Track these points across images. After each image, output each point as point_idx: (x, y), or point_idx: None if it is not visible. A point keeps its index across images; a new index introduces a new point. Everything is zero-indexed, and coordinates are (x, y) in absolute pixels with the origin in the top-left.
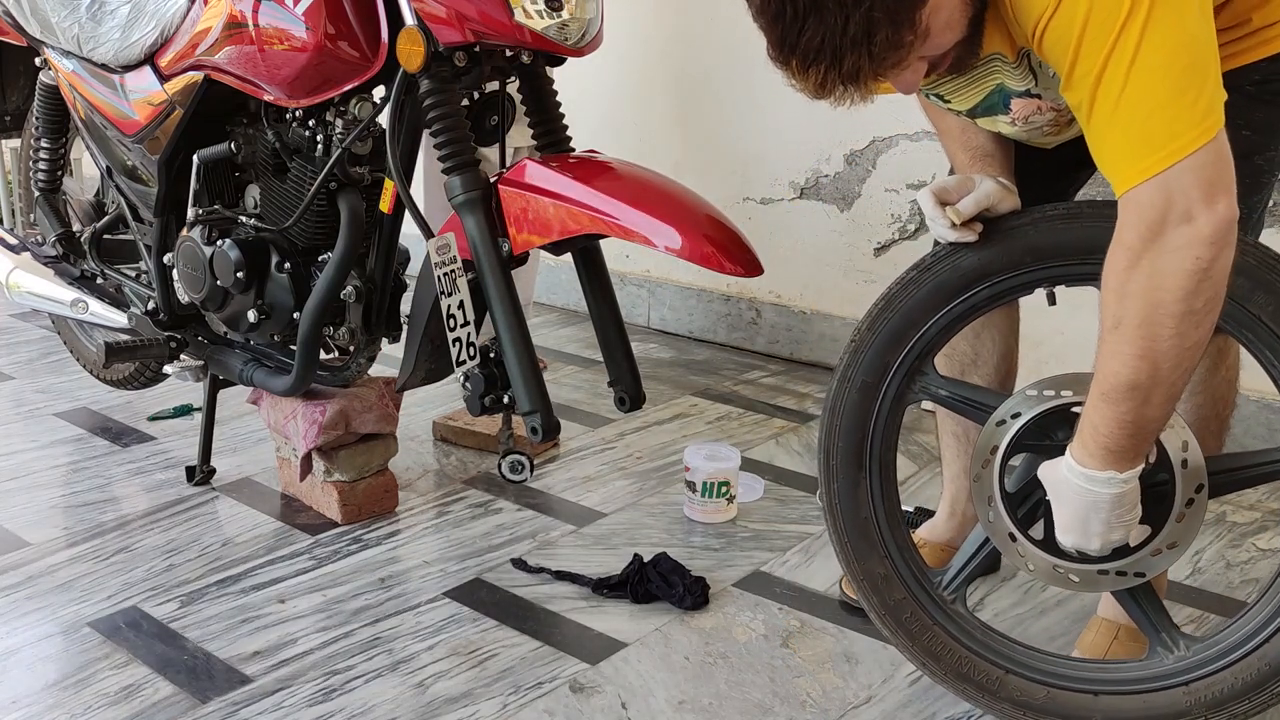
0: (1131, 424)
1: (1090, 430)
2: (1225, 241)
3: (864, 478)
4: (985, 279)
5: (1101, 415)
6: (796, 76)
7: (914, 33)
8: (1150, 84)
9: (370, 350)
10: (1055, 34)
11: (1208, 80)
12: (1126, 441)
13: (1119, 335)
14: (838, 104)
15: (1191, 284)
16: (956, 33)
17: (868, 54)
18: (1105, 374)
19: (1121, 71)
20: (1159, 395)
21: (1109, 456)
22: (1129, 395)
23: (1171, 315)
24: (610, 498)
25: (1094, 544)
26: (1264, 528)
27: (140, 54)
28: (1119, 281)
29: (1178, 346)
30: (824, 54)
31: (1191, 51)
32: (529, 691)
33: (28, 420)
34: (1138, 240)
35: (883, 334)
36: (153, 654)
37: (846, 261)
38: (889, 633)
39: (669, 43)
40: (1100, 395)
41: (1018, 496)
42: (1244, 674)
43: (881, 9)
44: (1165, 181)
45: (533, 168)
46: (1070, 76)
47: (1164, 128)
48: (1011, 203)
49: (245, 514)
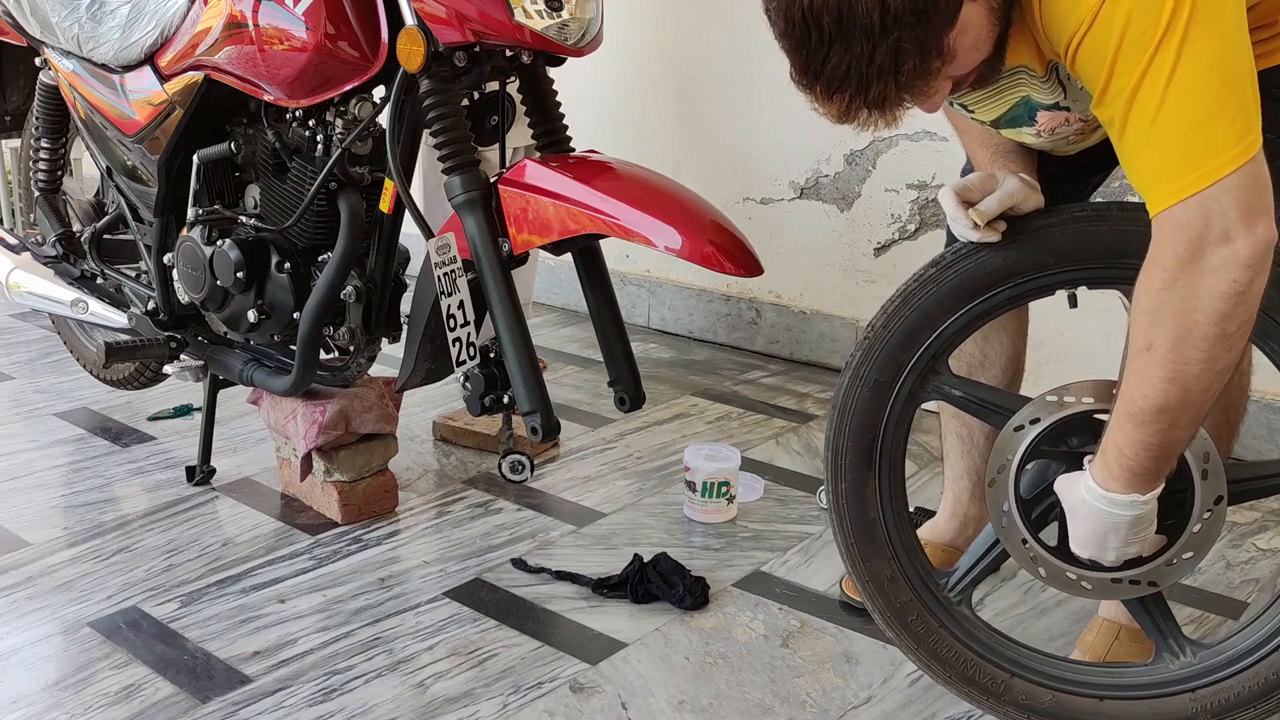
0: (1157, 446)
1: (1115, 452)
2: (1263, 265)
3: (873, 478)
4: (1008, 279)
5: (1127, 437)
6: (820, 101)
7: (941, 59)
8: (1188, 101)
9: (370, 350)
10: (1089, 50)
11: (1245, 98)
12: (1151, 464)
13: (1150, 358)
14: (862, 128)
15: (1228, 307)
16: (983, 52)
17: (895, 83)
18: (1133, 396)
19: (1159, 88)
20: (1186, 418)
21: (1132, 479)
22: (1157, 418)
23: (1205, 339)
24: (610, 498)
25: (1109, 558)
26: (1264, 528)
27: (140, 54)
28: (1153, 303)
29: (1209, 370)
30: (849, 82)
31: (1229, 68)
32: (529, 691)
33: (28, 420)
34: (1174, 261)
35: (898, 332)
36: (153, 654)
37: (846, 261)
38: (894, 635)
39: (669, 42)
40: (1127, 417)
41: (1032, 502)
42: (1250, 681)
43: (910, 39)
44: (1203, 202)
45: (533, 168)
46: (1105, 93)
47: (1201, 146)
48: (1035, 201)
49: (245, 514)
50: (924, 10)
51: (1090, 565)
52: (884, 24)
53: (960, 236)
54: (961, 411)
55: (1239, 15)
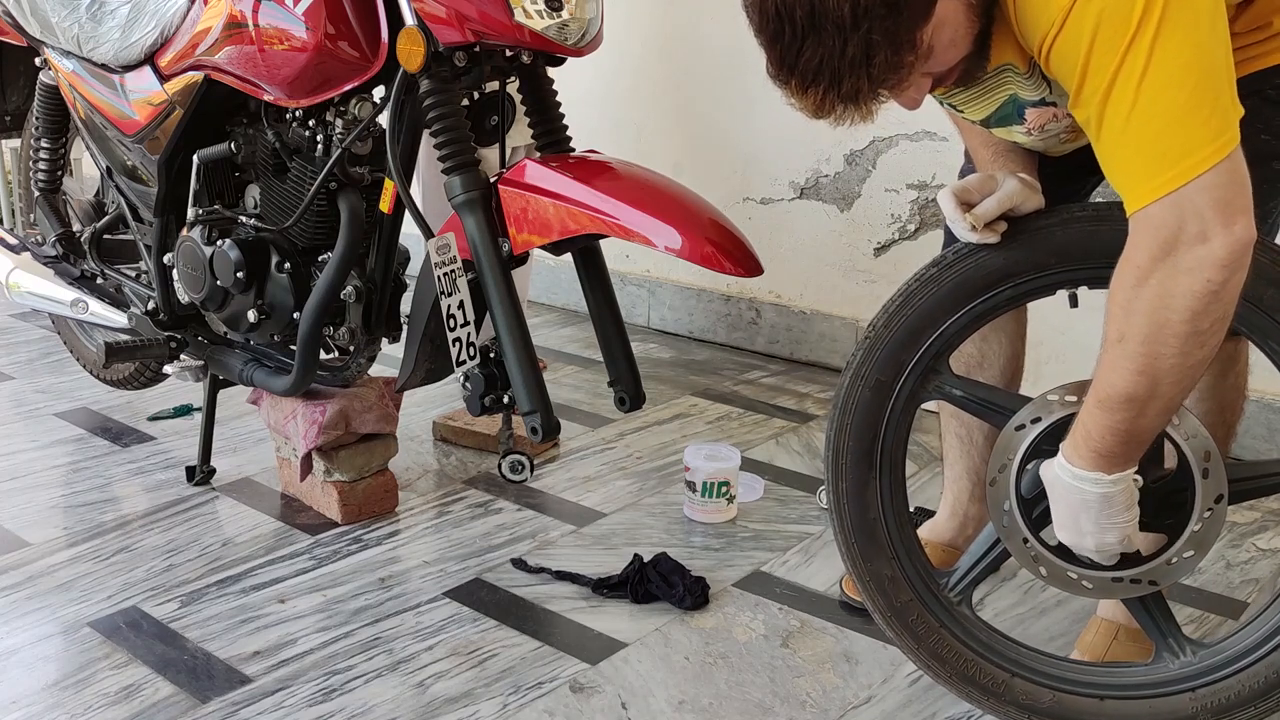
0: (1124, 433)
1: (1082, 432)
2: (1239, 264)
3: (874, 478)
4: (1009, 279)
5: (1095, 421)
6: (795, 96)
7: (914, 53)
8: (1161, 100)
9: (370, 350)
10: (1062, 51)
11: (1221, 96)
12: (1118, 448)
13: (1121, 350)
14: (838, 123)
15: (1200, 305)
16: (962, 49)
17: (867, 76)
18: (1103, 384)
19: (1131, 87)
20: (1155, 408)
21: (1097, 459)
22: (1125, 406)
23: (1177, 335)
24: (610, 498)
25: (1087, 543)
26: (1264, 528)
27: (140, 54)
28: (1125, 298)
29: (1180, 365)
30: (823, 75)
31: (1203, 66)
32: (529, 691)
33: (28, 420)
34: (1148, 259)
35: (899, 332)
36: (153, 654)
37: (846, 261)
38: (894, 635)
39: (669, 42)
40: (1096, 402)
41: (1033, 501)
42: (1250, 681)
43: (880, 31)
44: (1178, 200)
45: (533, 168)
46: (1080, 93)
47: (1176, 145)
48: (1036, 201)
49: (245, 514)
50: (895, 3)
51: (1091, 564)
52: (854, 17)
53: (960, 238)
54: (961, 411)
55: (1214, 14)
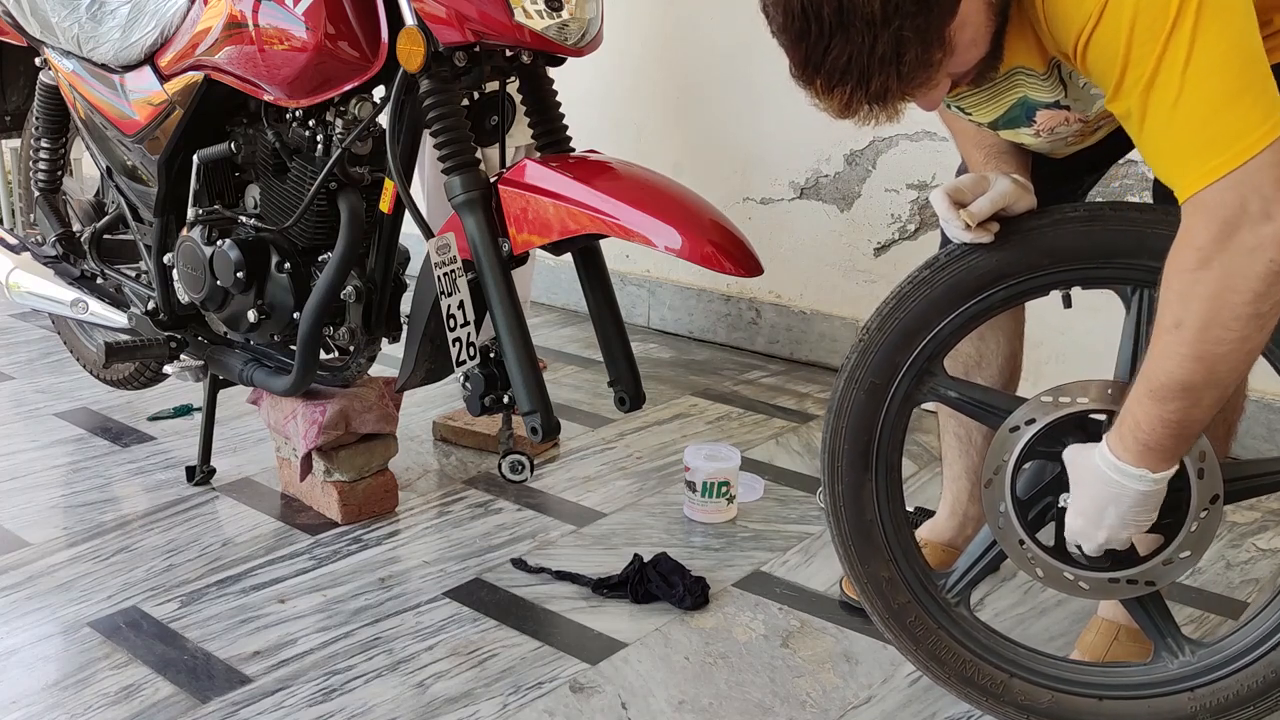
0: (1176, 424)
1: (1131, 424)
2: None
3: (870, 480)
4: (1002, 280)
5: (1146, 412)
6: (820, 96)
7: (943, 50)
8: (1209, 85)
9: (370, 350)
10: (1100, 44)
11: (1266, 79)
12: (1169, 441)
13: (1178, 336)
14: (863, 123)
15: (1263, 286)
16: (981, 49)
17: (896, 73)
18: (1156, 372)
19: (1176, 74)
20: (1210, 397)
21: (1146, 454)
22: (1180, 395)
23: (1238, 318)
24: (610, 498)
25: (1101, 536)
26: (1264, 528)
27: (140, 54)
28: (1184, 283)
29: (1238, 350)
30: (850, 74)
31: (1244, 52)
32: (529, 691)
33: (28, 420)
34: (1209, 241)
35: (893, 334)
36: (153, 654)
37: (846, 261)
38: (893, 637)
39: (669, 42)
40: (1148, 392)
41: (1028, 502)
42: (1249, 680)
43: (911, 28)
44: (1237, 181)
45: (533, 168)
46: (1120, 85)
47: (1228, 127)
48: (1028, 202)
49: (245, 514)
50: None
51: (1087, 564)
52: (885, 13)
53: (953, 238)
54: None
55: (1247, 2)
